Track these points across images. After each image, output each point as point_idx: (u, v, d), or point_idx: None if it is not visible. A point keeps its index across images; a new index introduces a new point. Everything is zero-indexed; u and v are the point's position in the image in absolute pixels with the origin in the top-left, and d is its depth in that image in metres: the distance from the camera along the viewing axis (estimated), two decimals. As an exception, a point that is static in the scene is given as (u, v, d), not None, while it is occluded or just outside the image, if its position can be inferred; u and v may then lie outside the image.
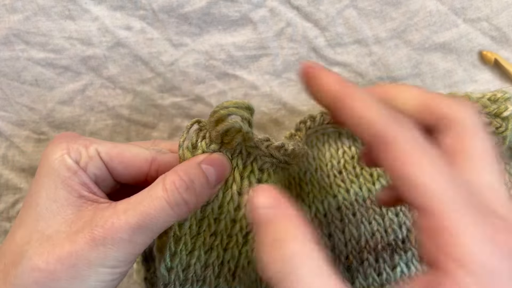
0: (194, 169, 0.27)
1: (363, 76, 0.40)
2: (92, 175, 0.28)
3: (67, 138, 0.29)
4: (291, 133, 0.36)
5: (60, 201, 0.27)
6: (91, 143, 0.29)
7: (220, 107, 0.28)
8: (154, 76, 0.40)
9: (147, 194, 0.26)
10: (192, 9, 0.39)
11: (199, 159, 0.28)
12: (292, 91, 0.40)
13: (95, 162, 0.28)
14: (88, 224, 0.26)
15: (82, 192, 0.27)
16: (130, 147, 0.30)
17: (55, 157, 0.28)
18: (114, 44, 0.39)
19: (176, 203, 0.26)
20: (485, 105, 0.31)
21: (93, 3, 0.39)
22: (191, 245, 0.30)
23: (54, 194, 0.27)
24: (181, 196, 0.26)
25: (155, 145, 0.32)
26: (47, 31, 0.39)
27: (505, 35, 0.39)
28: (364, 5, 0.39)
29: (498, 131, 0.31)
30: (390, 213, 0.34)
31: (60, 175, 0.27)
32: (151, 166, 0.29)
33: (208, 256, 0.31)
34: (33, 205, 0.27)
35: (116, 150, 0.29)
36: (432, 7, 0.39)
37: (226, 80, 0.40)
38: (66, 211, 0.27)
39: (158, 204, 0.26)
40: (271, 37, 0.39)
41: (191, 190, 0.27)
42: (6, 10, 0.39)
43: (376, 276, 0.34)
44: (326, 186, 0.36)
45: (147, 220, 0.26)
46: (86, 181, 0.28)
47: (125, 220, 0.25)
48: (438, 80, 0.39)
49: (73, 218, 0.26)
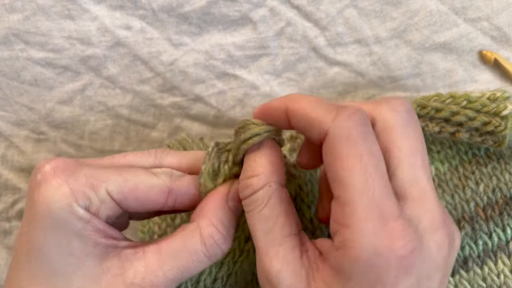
0: (225, 212, 0.27)
1: (363, 76, 0.40)
2: (105, 217, 0.26)
3: (64, 174, 0.25)
4: (292, 136, 0.36)
5: (76, 254, 0.25)
6: (98, 182, 0.25)
7: (247, 126, 0.27)
8: (153, 76, 0.40)
9: (183, 246, 0.26)
10: (192, 9, 0.39)
11: (223, 195, 0.27)
12: (292, 91, 0.40)
13: (107, 204, 0.26)
14: (121, 281, 0.25)
15: (98, 239, 0.25)
16: (142, 178, 0.27)
17: (60, 206, 0.24)
18: (114, 44, 0.39)
19: (214, 254, 0.26)
20: (484, 104, 0.31)
21: (92, 3, 0.39)
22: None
23: (68, 247, 0.24)
24: (220, 247, 0.26)
25: (159, 157, 0.29)
26: (46, 30, 0.39)
27: (505, 35, 0.39)
28: (364, 4, 0.39)
29: (497, 130, 0.31)
30: None
31: (71, 227, 0.24)
32: (168, 198, 0.27)
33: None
34: (44, 260, 0.24)
35: (128, 186, 0.26)
36: (433, 6, 0.38)
37: (226, 80, 0.40)
38: (85, 264, 0.25)
39: (197, 258, 0.26)
40: (271, 37, 0.39)
41: (228, 238, 0.27)
42: (5, 9, 0.39)
43: None
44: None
45: (185, 273, 0.25)
46: (100, 227, 0.25)
47: (164, 276, 0.25)
48: (438, 80, 0.39)
49: (98, 271, 0.25)
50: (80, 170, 0.26)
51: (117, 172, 0.26)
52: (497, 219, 0.33)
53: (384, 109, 0.25)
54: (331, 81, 0.40)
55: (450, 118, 0.31)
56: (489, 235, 0.33)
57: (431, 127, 0.32)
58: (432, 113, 0.32)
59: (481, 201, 0.33)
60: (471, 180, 0.34)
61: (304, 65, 0.40)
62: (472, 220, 0.33)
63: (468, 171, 0.34)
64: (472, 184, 0.34)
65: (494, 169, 0.34)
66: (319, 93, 0.40)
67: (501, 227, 0.33)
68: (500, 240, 0.32)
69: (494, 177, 0.33)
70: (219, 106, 0.40)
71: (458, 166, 0.34)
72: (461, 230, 0.33)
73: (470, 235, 0.33)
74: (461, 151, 0.34)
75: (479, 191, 0.33)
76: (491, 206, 0.33)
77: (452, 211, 0.33)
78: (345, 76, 0.40)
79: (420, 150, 0.25)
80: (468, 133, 0.31)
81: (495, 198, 0.33)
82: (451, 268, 0.25)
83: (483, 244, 0.33)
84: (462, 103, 0.31)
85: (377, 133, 0.25)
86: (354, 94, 0.40)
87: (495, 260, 0.32)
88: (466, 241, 0.33)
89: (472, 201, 0.33)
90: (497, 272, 0.32)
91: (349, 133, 0.23)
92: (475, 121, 0.30)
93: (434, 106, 0.31)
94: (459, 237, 0.25)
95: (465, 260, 0.33)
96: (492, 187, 0.33)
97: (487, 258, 0.32)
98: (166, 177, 0.27)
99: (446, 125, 0.31)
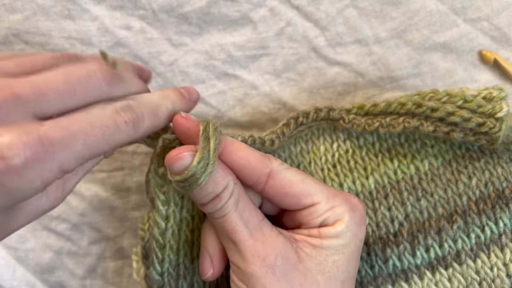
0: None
1: (363, 76, 0.40)
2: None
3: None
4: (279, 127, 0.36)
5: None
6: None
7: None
8: (154, 76, 0.40)
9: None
10: (192, 9, 0.39)
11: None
12: (292, 91, 0.40)
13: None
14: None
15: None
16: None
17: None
18: (114, 44, 0.39)
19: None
20: (480, 105, 0.31)
21: (92, 3, 0.39)
22: (176, 246, 0.33)
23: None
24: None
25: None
26: (46, 30, 0.39)
27: (505, 35, 0.39)
28: (364, 4, 0.39)
29: (491, 132, 0.31)
30: (383, 208, 0.35)
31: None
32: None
33: (193, 249, 0.33)
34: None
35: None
36: (433, 6, 0.38)
37: (226, 80, 0.40)
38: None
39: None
40: (271, 37, 0.39)
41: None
42: (5, 9, 0.39)
43: (368, 269, 0.34)
44: (319, 179, 0.36)
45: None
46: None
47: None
48: (438, 80, 0.39)
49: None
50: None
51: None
52: (489, 212, 0.33)
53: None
54: (331, 81, 0.40)
55: (445, 118, 0.31)
56: (482, 229, 0.33)
57: (426, 127, 0.32)
58: (427, 113, 0.32)
59: (473, 195, 0.34)
60: (464, 175, 0.34)
61: (304, 65, 0.40)
62: (464, 213, 0.33)
63: (461, 166, 0.34)
64: (465, 178, 0.34)
65: (487, 164, 0.34)
66: (319, 93, 0.40)
67: (493, 221, 0.33)
68: (492, 233, 0.33)
69: (486, 171, 0.34)
70: (219, 106, 0.40)
71: (452, 161, 0.35)
72: (453, 224, 0.33)
73: (463, 229, 0.33)
74: (454, 146, 0.35)
75: (472, 185, 0.34)
76: (483, 200, 0.33)
77: (445, 205, 0.34)
78: (345, 76, 0.40)
79: None
80: (462, 133, 0.31)
81: (487, 192, 0.33)
82: None
83: (475, 237, 0.33)
84: (458, 102, 0.31)
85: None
86: (354, 94, 0.40)
87: (488, 253, 0.33)
88: (458, 235, 0.33)
89: (465, 195, 0.34)
90: (490, 265, 0.33)
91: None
92: (470, 122, 0.31)
93: (430, 106, 0.31)
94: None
95: (458, 253, 0.33)
96: (485, 181, 0.34)
97: (480, 251, 0.33)
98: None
99: (441, 124, 0.32)
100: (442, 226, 0.33)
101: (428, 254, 0.33)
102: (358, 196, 0.36)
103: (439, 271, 0.33)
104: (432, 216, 0.34)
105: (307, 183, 0.29)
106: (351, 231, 0.29)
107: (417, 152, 0.35)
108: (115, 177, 0.41)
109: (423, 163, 0.35)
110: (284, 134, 0.35)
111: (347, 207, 0.29)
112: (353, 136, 0.36)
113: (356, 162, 0.36)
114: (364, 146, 0.36)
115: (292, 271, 0.28)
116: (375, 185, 0.35)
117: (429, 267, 0.33)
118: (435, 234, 0.33)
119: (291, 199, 0.29)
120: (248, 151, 0.29)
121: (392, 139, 0.36)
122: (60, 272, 0.42)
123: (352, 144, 0.36)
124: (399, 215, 0.34)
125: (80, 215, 0.41)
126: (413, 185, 0.35)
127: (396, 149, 0.36)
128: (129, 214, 0.42)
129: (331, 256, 0.29)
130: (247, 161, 0.29)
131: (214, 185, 0.28)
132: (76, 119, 0.24)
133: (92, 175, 0.41)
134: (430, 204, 0.34)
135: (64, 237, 0.41)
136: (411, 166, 0.35)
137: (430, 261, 0.33)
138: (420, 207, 0.34)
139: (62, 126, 0.23)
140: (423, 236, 0.34)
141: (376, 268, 0.34)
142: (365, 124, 0.34)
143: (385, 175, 0.35)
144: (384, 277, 0.34)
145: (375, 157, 0.36)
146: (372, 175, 0.35)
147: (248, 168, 0.29)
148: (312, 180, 0.30)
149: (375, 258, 0.34)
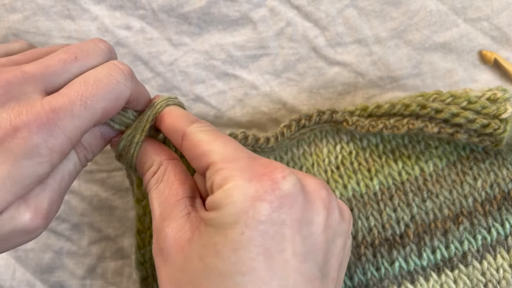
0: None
1: (363, 76, 0.40)
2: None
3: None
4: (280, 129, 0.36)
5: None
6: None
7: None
8: (154, 76, 0.40)
9: None
10: (192, 9, 0.39)
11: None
12: (292, 91, 0.40)
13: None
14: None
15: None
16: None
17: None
18: (114, 44, 0.39)
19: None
20: (484, 106, 0.31)
21: (92, 3, 0.39)
22: None
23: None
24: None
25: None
26: (46, 30, 0.39)
27: (505, 35, 0.39)
28: (364, 4, 0.39)
29: (496, 133, 0.31)
30: (388, 209, 0.35)
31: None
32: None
33: None
34: None
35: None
36: (433, 6, 0.38)
37: (226, 80, 0.40)
38: None
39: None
40: (271, 37, 0.39)
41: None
42: (5, 9, 0.39)
43: (374, 271, 0.34)
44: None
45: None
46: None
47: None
48: (439, 80, 0.39)
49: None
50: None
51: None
52: (495, 214, 0.33)
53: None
54: (331, 81, 0.40)
55: (449, 120, 0.31)
56: (488, 230, 0.33)
57: (430, 128, 0.32)
58: (432, 114, 0.32)
59: (479, 196, 0.34)
60: (469, 176, 0.34)
61: (304, 65, 0.40)
62: (470, 215, 0.33)
63: (466, 167, 0.34)
64: (470, 179, 0.34)
65: (492, 165, 0.34)
66: (319, 93, 0.40)
67: (499, 222, 0.33)
68: (499, 235, 0.33)
69: (492, 173, 0.34)
70: (219, 106, 0.40)
71: (456, 162, 0.35)
72: (459, 225, 0.33)
73: (469, 230, 0.33)
74: (459, 147, 0.35)
75: (477, 186, 0.34)
76: (489, 201, 0.33)
77: (451, 206, 0.34)
78: (345, 76, 0.40)
79: None
80: (467, 134, 0.31)
81: (493, 193, 0.33)
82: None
83: (482, 239, 0.33)
84: (462, 104, 0.31)
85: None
86: (354, 94, 0.40)
87: (494, 254, 0.33)
88: (465, 236, 0.33)
89: (470, 197, 0.34)
90: (496, 266, 0.32)
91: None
92: (474, 123, 0.31)
93: (434, 107, 0.31)
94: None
95: (464, 254, 0.33)
96: (490, 183, 0.34)
97: (486, 252, 0.33)
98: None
99: (445, 126, 0.32)
100: (448, 227, 0.33)
101: (434, 256, 0.33)
102: (363, 198, 0.35)
103: (445, 272, 0.33)
104: (438, 217, 0.34)
105: (216, 144, 0.26)
106: (235, 204, 0.23)
107: (421, 153, 0.35)
108: (115, 177, 0.41)
109: (427, 164, 0.35)
110: (283, 135, 0.35)
111: (246, 175, 0.24)
112: (356, 138, 0.36)
113: (360, 163, 0.36)
114: (367, 148, 0.36)
115: (175, 254, 0.25)
116: (379, 186, 0.35)
117: (435, 268, 0.33)
118: (441, 235, 0.33)
119: (195, 161, 0.27)
120: (176, 117, 0.29)
121: (396, 141, 0.36)
122: (60, 272, 0.42)
123: (355, 146, 0.36)
124: (405, 216, 0.34)
125: (80, 215, 0.41)
126: (418, 186, 0.35)
127: (400, 151, 0.35)
128: (129, 214, 0.42)
129: (213, 237, 0.23)
130: (172, 125, 0.29)
131: (142, 165, 0.29)
132: (72, 83, 0.26)
133: (92, 175, 0.41)
134: (435, 205, 0.34)
135: (64, 237, 0.41)
136: (416, 167, 0.35)
137: (436, 262, 0.33)
138: (425, 208, 0.34)
139: (61, 93, 0.25)
140: (429, 238, 0.33)
141: (382, 270, 0.34)
142: (369, 126, 0.34)
143: (389, 176, 0.35)
144: (390, 279, 0.34)
145: (379, 159, 0.36)
146: (376, 176, 0.35)
147: (172, 132, 0.29)
148: (224, 142, 0.26)
149: (381, 259, 0.34)
